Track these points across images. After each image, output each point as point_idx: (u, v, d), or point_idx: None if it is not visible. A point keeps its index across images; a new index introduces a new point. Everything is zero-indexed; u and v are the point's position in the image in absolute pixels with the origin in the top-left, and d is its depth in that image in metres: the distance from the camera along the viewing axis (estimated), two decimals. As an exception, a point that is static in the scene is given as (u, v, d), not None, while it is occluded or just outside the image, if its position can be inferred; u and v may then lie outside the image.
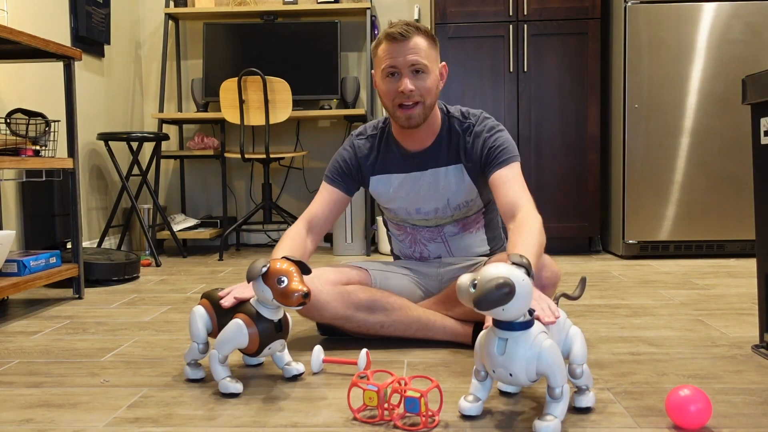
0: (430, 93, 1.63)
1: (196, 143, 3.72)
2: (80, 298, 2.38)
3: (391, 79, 1.63)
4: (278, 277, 1.26)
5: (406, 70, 1.60)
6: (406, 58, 1.59)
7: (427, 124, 1.70)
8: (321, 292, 1.61)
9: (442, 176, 1.72)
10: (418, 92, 1.61)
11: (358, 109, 3.57)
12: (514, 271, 1.07)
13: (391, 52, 1.61)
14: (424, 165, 1.73)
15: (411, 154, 1.74)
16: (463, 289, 1.11)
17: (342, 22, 3.80)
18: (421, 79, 1.61)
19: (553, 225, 3.31)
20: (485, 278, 1.07)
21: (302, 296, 1.25)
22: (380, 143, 1.78)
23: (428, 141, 1.73)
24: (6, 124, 2.17)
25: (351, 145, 1.80)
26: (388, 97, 1.65)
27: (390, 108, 1.66)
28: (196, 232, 3.60)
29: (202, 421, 1.20)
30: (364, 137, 1.80)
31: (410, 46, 1.59)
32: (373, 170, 1.78)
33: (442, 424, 1.16)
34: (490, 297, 1.03)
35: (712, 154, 3.10)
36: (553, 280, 1.54)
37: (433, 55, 1.64)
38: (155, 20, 3.97)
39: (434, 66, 1.64)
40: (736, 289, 2.35)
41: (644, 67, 3.09)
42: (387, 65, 1.62)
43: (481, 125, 1.71)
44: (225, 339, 1.31)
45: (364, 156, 1.78)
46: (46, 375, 1.49)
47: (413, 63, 1.59)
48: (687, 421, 1.10)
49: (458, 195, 1.73)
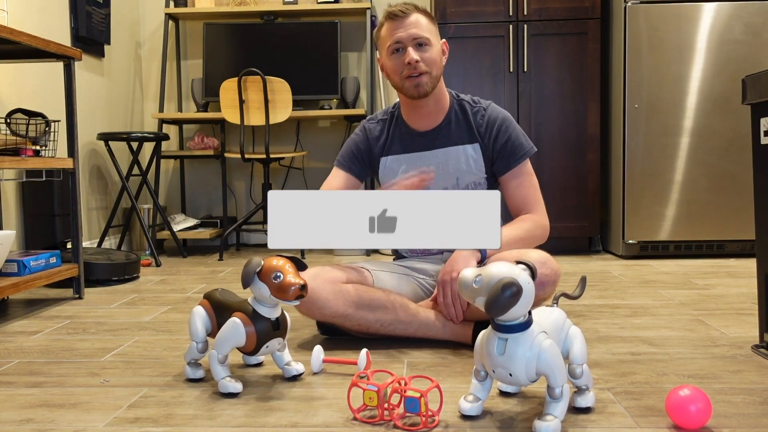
0: (435, 63, 1.70)
1: (196, 143, 3.72)
2: (80, 298, 2.38)
3: (396, 54, 1.70)
4: (274, 273, 1.27)
5: (410, 44, 1.68)
6: (408, 32, 1.67)
7: (435, 100, 1.75)
8: (321, 290, 1.62)
9: (453, 155, 1.77)
10: (423, 63, 1.68)
11: (358, 109, 3.57)
12: (519, 271, 1.07)
13: (393, 29, 1.69)
14: (433, 144, 1.78)
15: (420, 133, 1.79)
16: (466, 284, 1.10)
17: (342, 22, 3.80)
18: (425, 51, 1.69)
19: (553, 225, 3.27)
20: (491, 276, 1.06)
21: (299, 289, 1.25)
22: (390, 125, 1.84)
23: (437, 120, 1.78)
24: (6, 124, 2.17)
25: (362, 129, 1.87)
26: (395, 72, 1.72)
27: (398, 82, 1.72)
28: (196, 232, 3.60)
29: (202, 421, 1.20)
30: (375, 121, 1.87)
31: (411, 21, 1.68)
32: (383, 151, 1.83)
33: (442, 424, 1.16)
34: (500, 302, 1.03)
35: (712, 154, 3.10)
36: (552, 278, 1.55)
37: (434, 30, 1.73)
38: (155, 20, 3.97)
39: (436, 40, 1.72)
40: (736, 289, 2.35)
41: (644, 67, 3.09)
42: (391, 42, 1.69)
43: (494, 113, 1.78)
44: (222, 338, 1.32)
45: (375, 138, 1.84)
46: (46, 375, 1.49)
47: (416, 36, 1.68)
48: (687, 421, 1.10)
49: (468, 175, 1.76)
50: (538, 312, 1.18)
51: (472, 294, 1.09)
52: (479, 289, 1.08)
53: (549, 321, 1.16)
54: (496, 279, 1.06)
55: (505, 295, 1.03)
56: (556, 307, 1.21)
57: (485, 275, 1.08)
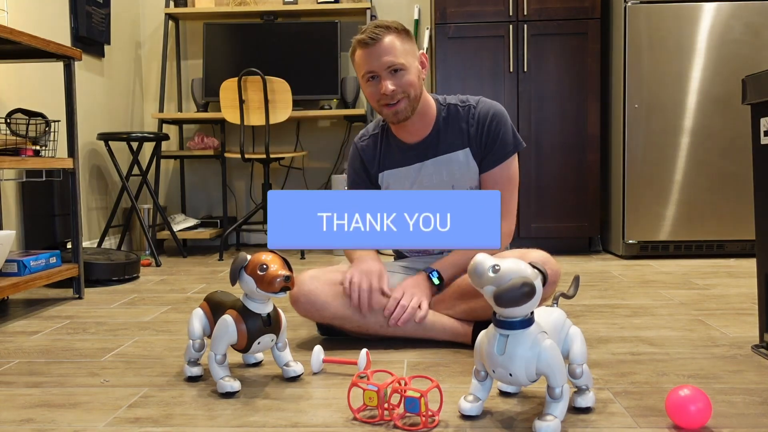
0: (412, 86, 1.66)
1: (196, 143, 3.72)
2: (80, 298, 2.38)
3: (372, 82, 1.67)
4: (259, 265, 1.28)
5: (383, 73, 1.64)
6: (381, 60, 1.62)
7: (420, 115, 1.73)
8: (321, 291, 1.62)
9: (444, 163, 1.75)
10: (400, 89, 1.64)
11: (358, 109, 3.57)
12: (534, 274, 1.08)
13: (365, 57, 1.64)
14: (424, 155, 1.77)
15: (410, 146, 1.78)
16: (480, 270, 1.08)
17: (342, 22, 3.80)
18: (400, 77, 1.64)
19: (553, 225, 3.31)
20: (509, 270, 1.06)
21: (284, 280, 1.26)
22: (381, 140, 1.82)
23: (425, 131, 1.76)
24: (6, 124, 2.17)
25: (355, 151, 1.86)
26: (372, 99, 1.70)
27: (377, 108, 1.71)
28: (196, 232, 3.60)
29: (202, 420, 1.20)
30: (366, 138, 1.85)
31: (384, 48, 1.62)
32: (379, 167, 1.82)
33: (442, 424, 1.16)
34: (513, 294, 1.04)
35: (712, 154, 3.10)
36: (553, 278, 1.55)
37: (408, 48, 1.67)
38: (155, 20, 3.97)
39: (411, 60, 1.67)
40: (736, 289, 2.35)
41: (644, 67, 3.09)
42: (365, 71, 1.66)
43: (485, 108, 1.74)
44: (216, 337, 1.33)
45: (369, 157, 1.83)
46: (46, 375, 1.49)
47: (389, 65, 1.63)
48: (687, 421, 1.10)
49: (463, 180, 1.75)
50: (538, 312, 1.18)
51: (483, 281, 1.08)
52: (493, 278, 1.07)
53: (549, 321, 1.17)
54: (513, 274, 1.06)
55: (521, 290, 1.04)
56: (556, 307, 1.21)
57: (503, 267, 1.07)
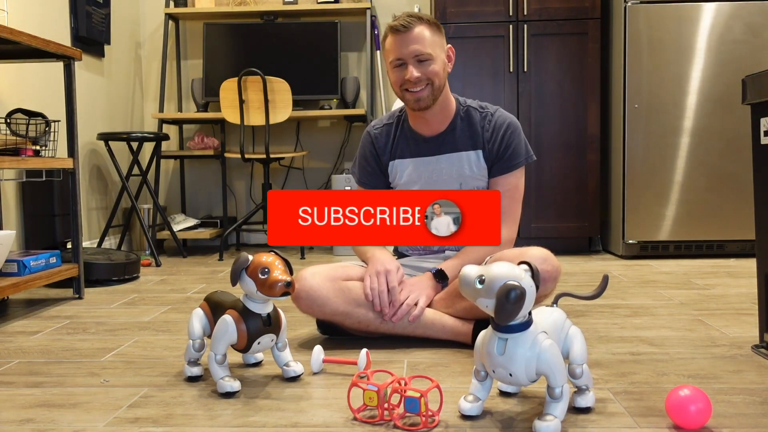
0: (437, 75, 1.70)
1: (196, 143, 3.72)
2: (80, 298, 2.38)
3: (398, 69, 1.72)
4: (261, 268, 1.28)
5: (411, 60, 1.69)
6: (409, 48, 1.68)
7: (440, 108, 1.77)
8: (321, 288, 1.63)
9: (456, 161, 1.78)
10: (424, 78, 1.69)
11: (358, 109, 3.57)
12: (521, 273, 1.07)
13: (395, 44, 1.70)
14: (438, 149, 1.80)
15: (426, 138, 1.81)
16: (468, 282, 1.09)
17: (342, 22, 3.80)
18: (426, 66, 1.69)
19: (553, 225, 3.31)
20: (494, 278, 1.06)
21: (284, 286, 1.26)
22: (396, 130, 1.86)
23: (442, 126, 1.80)
24: (6, 124, 2.17)
25: (368, 138, 1.89)
26: (397, 85, 1.74)
27: (400, 94, 1.75)
28: (196, 232, 3.60)
29: (202, 420, 1.20)
30: (380, 126, 1.89)
31: (413, 37, 1.68)
32: (391, 156, 1.85)
33: (442, 424, 1.16)
34: (506, 309, 1.04)
35: (712, 154, 3.10)
36: (553, 275, 1.56)
37: (437, 41, 1.72)
38: (155, 20, 3.97)
39: (439, 52, 1.72)
40: (736, 289, 2.35)
41: (644, 67, 3.09)
42: (393, 58, 1.71)
43: (501, 119, 1.79)
44: (215, 337, 1.33)
45: (381, 144, 1.86)
46: (46, 375, 1.49)
47: (417, 53, 1.68)
48: (687, 421, 1.10)
49: (472, 180, 1.78)
50: (538, 312, 1.18)
51: (474, 294, 1.09)
52: (481, 290, 1.08)
53: (549, 321, 1.16)
54: (499, 281, 1.06)
55: (510, 301, 1.03)
56: (556, 307, 1.21)
57: (488, 276, 1.07)
